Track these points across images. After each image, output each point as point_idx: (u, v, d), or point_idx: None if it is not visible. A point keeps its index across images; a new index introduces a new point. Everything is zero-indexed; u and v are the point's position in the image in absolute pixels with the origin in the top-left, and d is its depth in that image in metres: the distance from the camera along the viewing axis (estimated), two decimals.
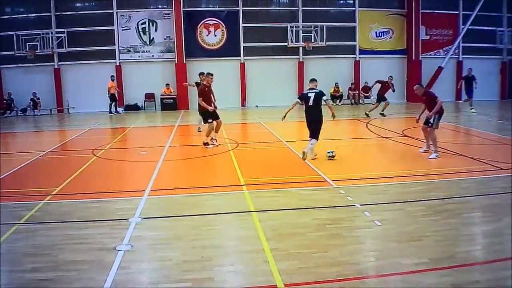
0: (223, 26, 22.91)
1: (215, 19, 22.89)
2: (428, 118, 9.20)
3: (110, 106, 20.81)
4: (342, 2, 24.40)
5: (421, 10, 23.54)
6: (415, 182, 7.31)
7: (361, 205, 6.06)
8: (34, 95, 21.47)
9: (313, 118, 9.07)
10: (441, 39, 24.48)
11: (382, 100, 16.86)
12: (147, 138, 13.68)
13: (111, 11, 22.10)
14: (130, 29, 22.42)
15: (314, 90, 9.03)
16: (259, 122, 16.44)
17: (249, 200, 6.47)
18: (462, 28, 24.10)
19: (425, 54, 24.17)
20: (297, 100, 9.36)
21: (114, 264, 4.34)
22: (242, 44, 23.03)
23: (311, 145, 9.01)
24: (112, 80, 20.89)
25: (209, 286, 3.96)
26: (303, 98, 9.17)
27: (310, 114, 9.10)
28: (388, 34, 24.16)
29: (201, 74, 13.45)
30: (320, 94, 8.98)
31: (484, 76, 19.28)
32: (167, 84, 22.44)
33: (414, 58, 23.87)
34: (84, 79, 21.97)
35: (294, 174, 8.00)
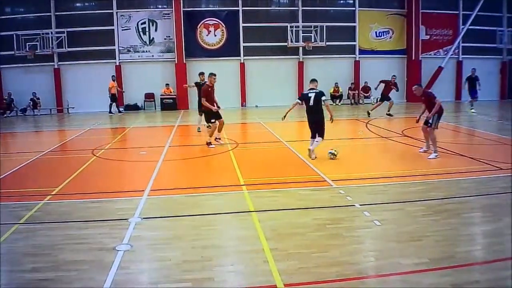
0: (223, 26, 22.90)
1: (215, 19, 22.88)
2: (427, 119, 9.22)
3: (110, 106, 20.79)
4: (342, 2, 24.37)
5: (421, 10, 23.54)
6: (415, 182, 7.31)
7: (360, 205, 6.06)
8: (34, 95, 21.47)
9: (314, 119, 9.17)
10: (441, 39, 24.48)
11: (386, 99, 16.80)
12: (147, 138, 13.67)
13: (111, 11, 22.10)
14: (130, 29, 22.42)
15: (314, 90, 9.11)
16: (259, 122, 16.44)
17: (248, 200, 6.47)
18: (462, 28, 24.11)
19: (425, 54, 24.17)
20: (297, 100, 9.44)
21: (114, 264, 4.34)
22: (242, 44, 23.02)
23: (317, 142, 9.10)
24: (113, 80, 20.87)
25: (209, 286, 3.97)
26: (304, 98, 9.24)
27: (311, 115, 9.20)
28: (388, 34, 24.15)
29: (201, 74, 13.47)
30: (320, 94, 9.05)
31: (484, 76, 19.23)
32: (167, 84, 22.45)
33: (414, 58, 23.87)
34: (84, 79, 21.97)
35: (294, 174, 8.01)
